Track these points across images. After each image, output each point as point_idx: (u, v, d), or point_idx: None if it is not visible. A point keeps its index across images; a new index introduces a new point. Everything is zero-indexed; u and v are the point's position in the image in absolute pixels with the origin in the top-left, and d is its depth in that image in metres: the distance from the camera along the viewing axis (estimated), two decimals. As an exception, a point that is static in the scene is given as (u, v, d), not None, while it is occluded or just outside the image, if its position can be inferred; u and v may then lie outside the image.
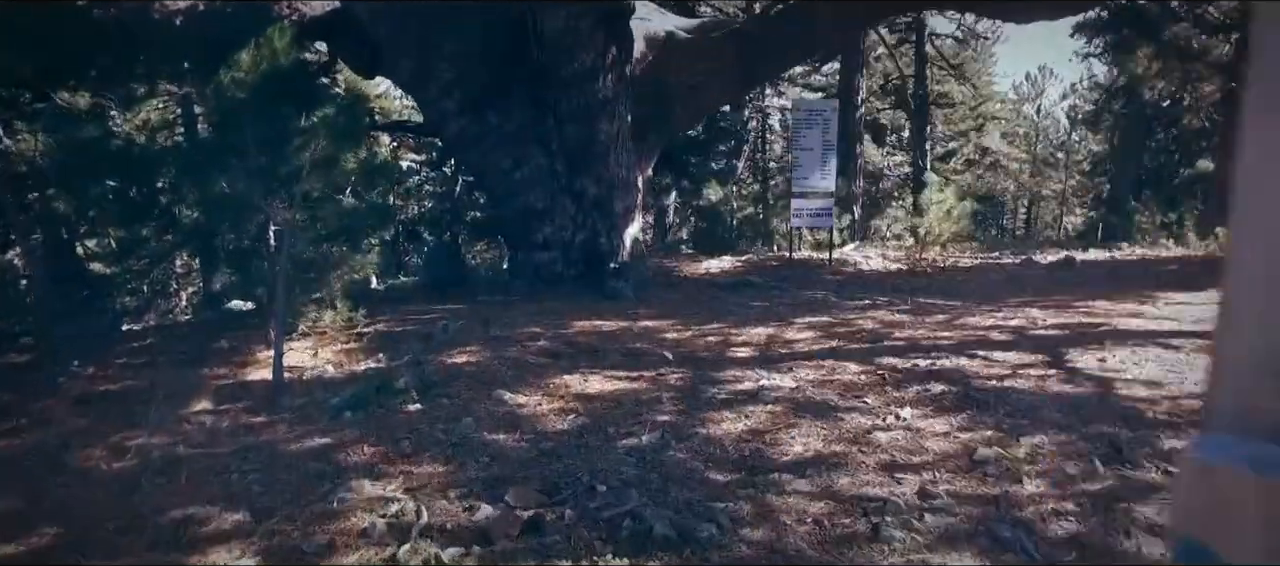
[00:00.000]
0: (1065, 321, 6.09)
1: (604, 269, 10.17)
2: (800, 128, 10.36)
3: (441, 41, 9.60)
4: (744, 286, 8.67)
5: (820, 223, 10.72)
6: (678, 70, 11.03)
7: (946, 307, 7.04)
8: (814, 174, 10.41)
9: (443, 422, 4.01)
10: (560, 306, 8.15)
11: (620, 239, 10.46)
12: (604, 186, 10.11)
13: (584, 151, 9.87)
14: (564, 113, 9.72)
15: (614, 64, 9.72)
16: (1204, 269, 9.64)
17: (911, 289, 8.67)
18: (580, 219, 10.19)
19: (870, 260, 11.46)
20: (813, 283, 9.15)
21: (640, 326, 6.64)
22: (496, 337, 6.32)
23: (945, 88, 23.04)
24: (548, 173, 10.07)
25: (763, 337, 5.87)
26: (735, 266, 10.77)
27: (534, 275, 10.22)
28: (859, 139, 15.83)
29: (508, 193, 10.24)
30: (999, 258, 12.34)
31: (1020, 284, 8.98)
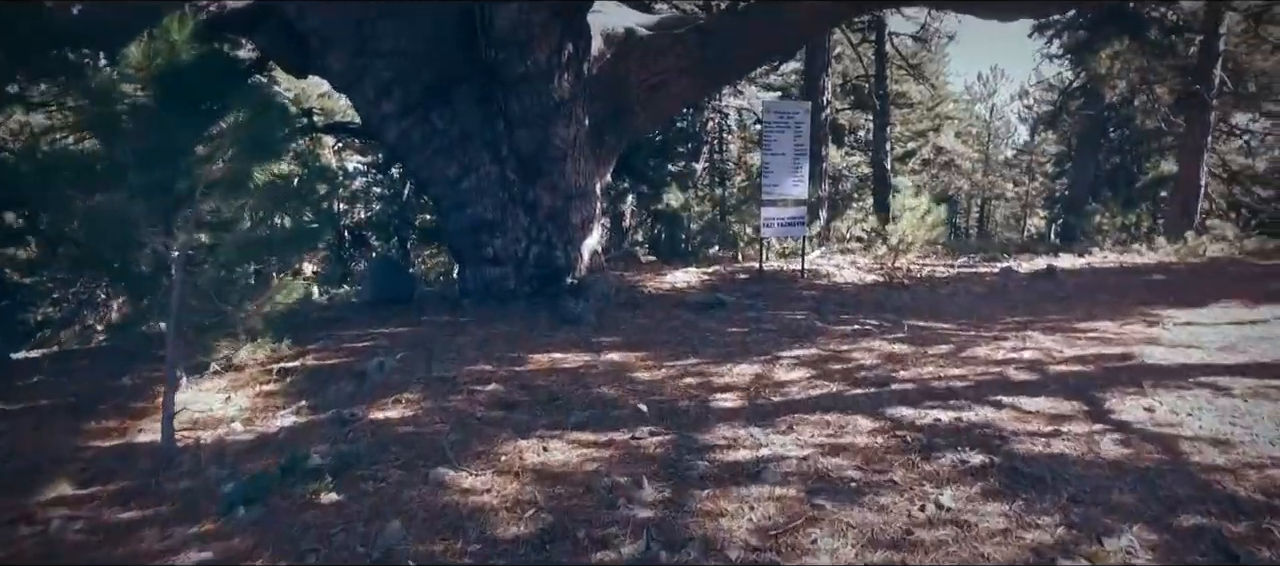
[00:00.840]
0: (1083, 353, 5.39)
1: (560, 285, 9.30)
2: (771, 132, 9.58)
3: (378, 37, 8.60)
4: (715, 306, 7.84)
5: (792, 232, 9.96)
6: (638, 69, 10.19)
7: (943, 333, 6.30)
8: (785, 181, 9.64)
9: (364, 523, 3.09)
10: (513, 331, 7.26)
11: (578, 252, 9.58)
12: (560, 196, 9.23)
13: (538, 158, 8.96)
14: (515, 115, 8.80)
15: (571, 62, 8.83)
16: (1192, 280, 9.12)
17: (896, 307, 7.95)
18: (534, 231, 9.29)
19: (843, 270, 10.75)
20: (789, 300, 8.38)
21: (605, 361, 5.77)
22: (440, 380, 5.41)
23: (904, 87, 22.58)
24: (498, 181, 9.16)
25: (749, 378, 5.05)
26: (702, 280, 9.96)
27: (484, 292, 9.31)
28: (826, 141, 15.15)
29: (455, 203, 9.29)
30: (973, 265, 11.75)
31: (1008, 299, 8.33)
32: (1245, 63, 17.11)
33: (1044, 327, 6.51)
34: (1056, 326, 6.58)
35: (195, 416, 5.08)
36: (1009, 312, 7.50)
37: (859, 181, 24.88)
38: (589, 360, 5.86)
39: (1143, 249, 12.72)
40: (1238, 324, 6.53)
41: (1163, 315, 6.98)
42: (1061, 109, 20.80)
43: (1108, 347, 5.59)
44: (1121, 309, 7.39)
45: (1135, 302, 7.74)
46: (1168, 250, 12.65)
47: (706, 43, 9.94)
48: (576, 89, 8.98)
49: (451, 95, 9.10)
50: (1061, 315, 7.24)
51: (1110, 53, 16.07)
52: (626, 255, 14.25)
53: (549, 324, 7.57)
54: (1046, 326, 6.58)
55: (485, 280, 9.31)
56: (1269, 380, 4.58)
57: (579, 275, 9.61)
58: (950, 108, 28.03)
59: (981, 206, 32.78)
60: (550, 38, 8.52)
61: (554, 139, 8.91)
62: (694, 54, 10.03)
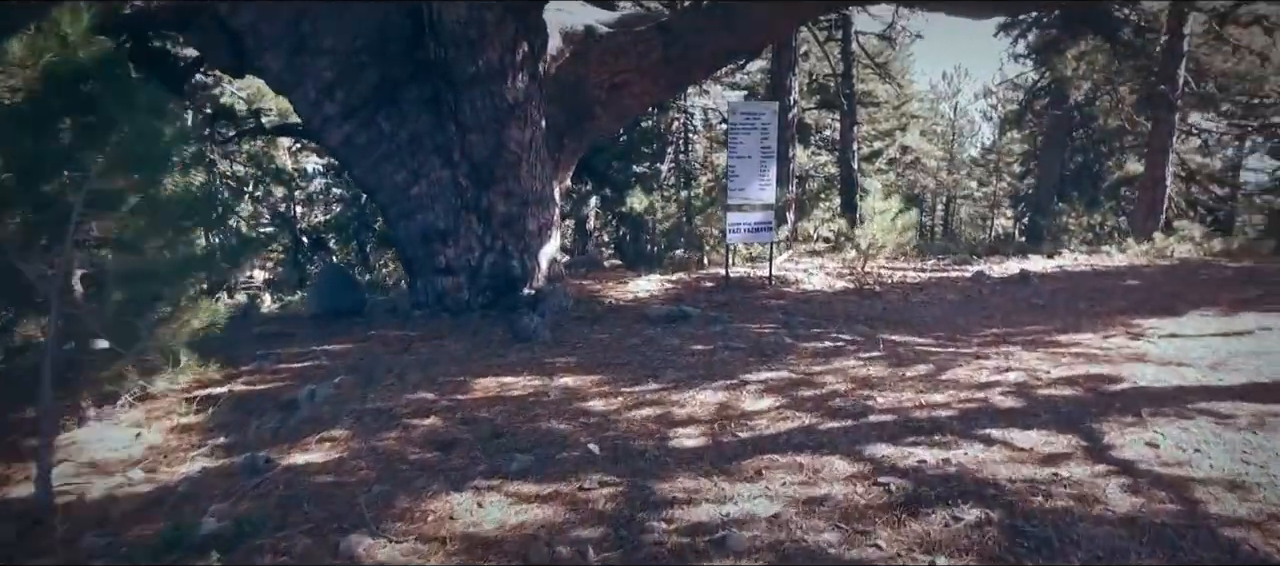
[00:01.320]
0: (1071, 374, 4.99)
1: (516, 295, 8.77)
2: (737, 133, 9.12)
3: (319, 35, 8.00)
4: (679, 319, 7.37)
5: (759, 237, 9.52)
6: (598, 69, 9.70)
7: (920, 350, 5.88)
8: (752, 184, 9.19)
9: (248, 617, 2.56)
10: (462, 349, 6.73)
11: (535, 261, 9.05)
12: (515, 202, 8.69)
13: (491, 162, 8.42)
14: (467, 118, 8.25)
15: (526, 61, 8.30)
16: (1167, 284, 8.82)
17: (868, 317, 7.54)
18: (488, 240, 8.75)
19: (812, 276, 10.33)
20: (756, 310, 7.93)
21: (558, 387, 5.26)
22: (375, 411, 4.86)
23: (870, 87, 22.31)
24: (450, 187, 8.60)
25: (713, 408, 4.57)
26: (666, 289, 9.48)
27: (437, 303, 8.76)
28: (794, 141, 14.75)
29: (404, 210, 8.72)
30: (944, 268, 11.41)
31: (983, 307, 7.96)
32: (1206, 64, 17.04)
33: (1025, 341, 6.12)
34: (1038, 340, 6.19)
35: (95, 457, 4.49)
36: (986, 323, 7.12)
37: (826, 181, 24.59)
38: (540, 385, 5.35)
39: (1112, 250, 12.49)
40: (1223, 336, 6.19)
41: (1145, 326, 6.64)
42: (1026, 108, 20.64)
43: (1095, 366, 5.19)
44: (1101, 319, 7.04)
45: (1114, 311, 7.40)
46: (1137, 252, 12.43)
47: (669, 41, 9.47)
48: (532, 90, 8.45)
49: (399, 97, 8.53)
50: (1041, 326, 6.87)
51: (1076, 53, 15.89)
52: (590, 261, 13.74)
53: (501, 340, 7.04)
54: (1027, 340, 6.19)
55: (438, 291, 8.76)
56: (1272, 405, 4.20)
57: (537, 284, 9.09)
58: (916, 107, 27.87)
59: (947, 205, 32.74)
60: (503, 36, 7.98)
61: (508, 142, 8.37)
62: (656, 53, 9.55)
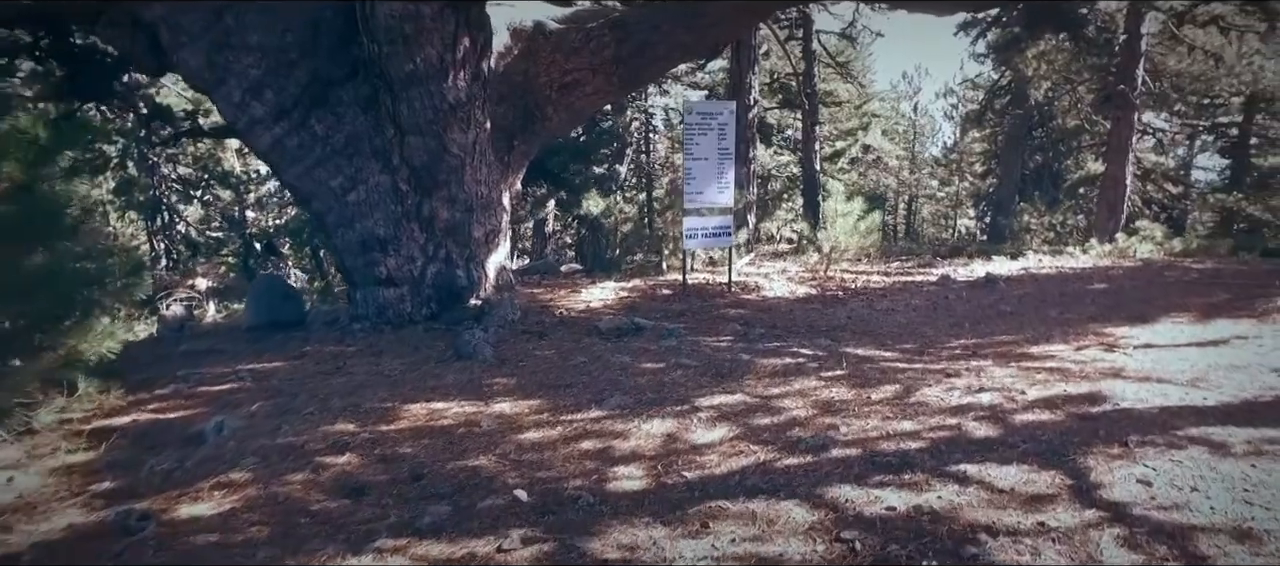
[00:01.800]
0: (1047, 393, 4.59)
1: (462, 308, 8.24)
2: (693, 134, 8.67)
3: (244, 30, 7.38)
4: (631, 333, 6.89)
5: (718, 242, 9.07)
6: (548, 67, 9.18)
7: (886, 366, 5.46)
8: (710, 187, 8.74)
9: None
10: (399, 368, 6.20)
11: (482, 271, 8.52)
12: (459, 208, 8.15)
13: (432, 167, 7.87)
14: (405, 120, 7.69)
15: (468, 59, 7.75)
16: (1135, 289, 8.53)
17: (831, 327, 7.13)
18: (431, 248, 8.21)
19: (773, 281, 9.91)
20: (714, 321, 7.48)
21: (493, 414, 4.75)
22: (285, 447, 4.31)
23: (832, 86, 22.04)
24: (390, 193, 8.04)
25: (659, 441, 4.09)
26: (620, 297, 8.99)
27: (378, 316, 8.20)
28: (753, 142, 14.34)
29: (342, 218, 8.13)
30: (908, 271, 11.07)
31: (950, 315, 7.59)
32: (1160, 64, 16.98)
33: (996, 355, 5.73)
34: (1009, 352, 5.81)
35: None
36: (954, 333, 6.74)
37: (789, 181, 24.30)
38: (474, 412, 4.83)
39: (1076, 252, 12.26)
40: (1198, 346, 5.86)
41: (1117, 335, 6.30)
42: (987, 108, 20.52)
43: (1071, 383, 4.80)
44: (1073, 328, 6.70)
45: (1085, 319, 7.07)
46: (1100, 253, 12.22)
47: (622, 38, 8.98)
48: (475, 89, 7.91)
49: (334, 97, 7.94)
50: (1011, 336, 6.51)
51: (1036, 52, 15.71)
52: (546, 267, 13.22)
53: (441, 357, 6.50)
54: (998, 352, 5.81)
55: (379, 303, 8.19)
56: (1265, 430, 3.83)
57: (484, 295, 8.56)
58: (877, 106, 27.71)
59: (909, 204, 32.70)
60: (442, 31, 7.44)
61: (450, 146, 7.83)
62: (608, 50, 9.06)
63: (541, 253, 18.43)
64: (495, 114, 9.09)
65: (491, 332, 7.06)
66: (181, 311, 11.96)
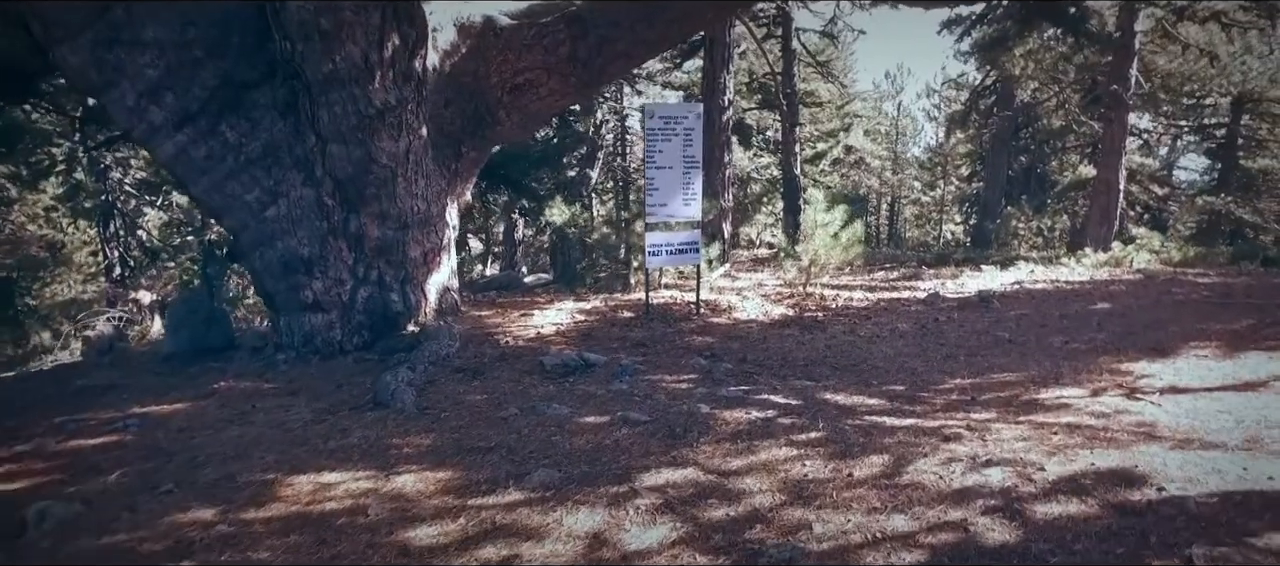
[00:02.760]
0: (1070, 469, 3.65)
1: (397, 337, 7.25)
2: (655, 140, 7.70)
3: (137, 23, 6.34)
4: (578, 371, 5.92)
5: (685, 259, 8.10)
6: (500, 66, 8.21)
7: (871, 423, 4.51)
8: (674, 199, 7.77)
9: None
10: (306, 416, 5.25)
11: (421, 293, 7.54)
12: (392, 225, 7.16)
13: (358, 179, 6.87)
14: (326, 127, 6.69)
15: (398, 58, 6.75)
16: (1144, 311, 7.63)
17: (808, 361, 6.18)
18: (361, 270, 7.21)
19: (747, 300, 8.96)
20: (676, 354, 6.52)
21: (388, 494, 3.77)
22: (104, 553, 3.33)
23: (812, 86, 21.11)
24: (314, 207, 7.03)
25: (578, 550, 3.12)
26: (576, 321, 8.01)
27: (305, 346, 7.21)
28: (728, 145, 13.38)
29: (260, 236, 7.12)
30: (893, 285, 10.16)
31: (942, 344, 6.66)
32: (1150, 64, 16.14)
33: (1000, 403, 4.80)
34: (1014, 398, 4.87)
35: None
36: (948, 368, 5.81)
37: (769, 184, 23.37)
38: (368, 488, 3.85)
39: (1072, 263, 11.38)
40: (1235, 389, 4.95)
41: (1136, 374, 5.38)
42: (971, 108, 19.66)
43: (1098, 451, 3.87)
44: (1082, 362, 5.77)
45: (1095, 350, 6.15)
46: (1095, 262, 11.35)
47: (579, 35, 8.01)
48: (408, 92, 6.90)
49: (248, 100, 6.91)
50: (1014, 373, 5.58)
51: (1024, 51, 14.83)
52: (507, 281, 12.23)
53: (357, 401, 5.53)
54: (1002, 399, 4.87)
55: (305, 331, 7.20)
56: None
57: (423, 320, 7.57)
58: (859, 106, 26.81)
59: (892, 205, 31.85)
60: (366, 27, 6.43)
61: (377, 155, 6.83)
62: (564, 48, 8.09)
63: (511, 261, 17.43)
64: (441, 119, 8.11)
65: (420, 371, 6.06)
66: (109, 332, 10.86)
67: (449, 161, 8.36)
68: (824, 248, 9.19)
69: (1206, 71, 15.06)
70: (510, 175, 11.70)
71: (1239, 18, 12.10)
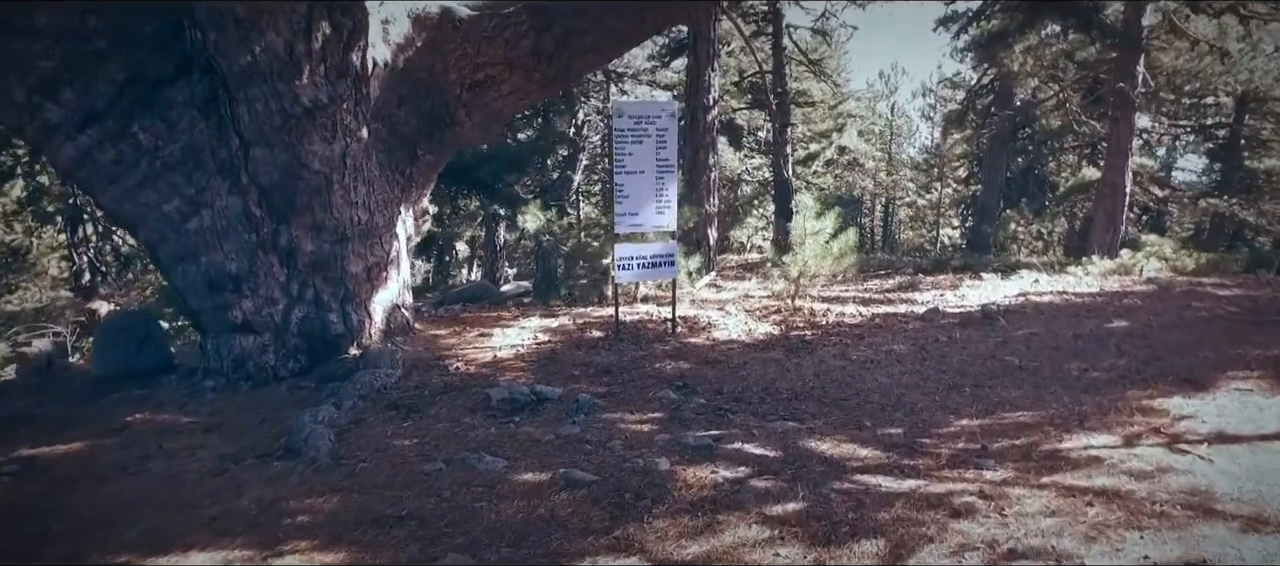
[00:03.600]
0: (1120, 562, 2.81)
1: (337, 361, 6.42)
2: (625, 142, 6.87)
3: (23, 10, 5.50)
4: (529, 408, 5.08)
5: (658, 273, 7.26)
6: (458, 61, 7.40)
7: (861, 485, 3.68)
8: (646, 207, 6.94)
9: None
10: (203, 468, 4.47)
11: (364, 312, 6.70)
12: (328, 238, 6.32)
13: (286, 186, 6.04)
14: (247, 127, 5.85)
15: (330, 50, 5.90)
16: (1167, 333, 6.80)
17: (792, 394, 5.35)
18: (295, 287, 6.38)
19: (730, 315, 8.12)
20: (642, 385, 5.68)
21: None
22: None
23: (805, 86, 20.26)
24: (241, 218, 6.19)
25: None
26: (538, 342, 7.17)
27: (235, 371, 6.40)
28: (712, 147, 12.52)
29: (182, 250, 6.30)
30: (888, 297, 9.34)
31: (945, 371, 5.83)
32: (1155, 61, 15.31)
33: (1017, 457, 3.96)
34: (1032, 449, 4.04)
35: None
36: (953, 404, 4.97)
37: (761, 186, 22.52)
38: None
39: (1078, 272, 10.54)
40: (1292, 435, 4.13)
41: (1173, 415, 4.55)
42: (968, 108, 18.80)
43: (1146, 528, 3.05)
44: (1108, 396, 4.94)
45: (1119, 381, 5.32)
46: (1103, 271, 10.52)
47: (543, 27, 7.17)
48: (344, 88, 6.06)
49: (164, 98, 6.06)
50: (1029, 411, 4.74)
51: (1024, 47, 13.99)
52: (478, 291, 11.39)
53: (267, 447, 4.70)
54: (1019, 452, 4.04)
55: (236, 354, 6.37)
56: None
57: (368, 342, 6.74)
58: (853, 106, 25.97)
59: (887, 206, 31.00)
60: (290, 14, 5.57)
61: (308, 160, 5.98)
62: (527, 41, 7.25)
63: (493, 267, 16.58)
64: (394, 119, 7.29)
65: (347, 408, 5.22)
66: (48, 348, 9.98)
67: (403, 165, 7.53)
68: (814, 258, 8.35)
69: (1213, 69, 14.24)
70: (481, 178, 10.85)
71: (1258, 9, 11.27)
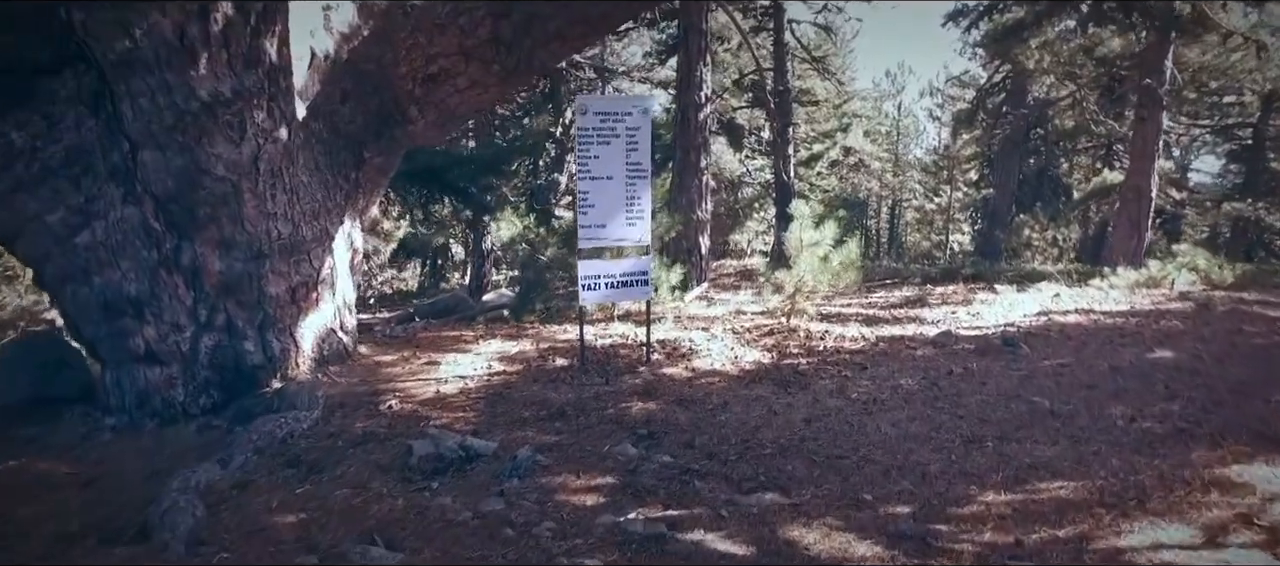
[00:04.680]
0: None
1: (256, 396, 5.47)
2: (589, 142, 5.87)
3: None
4: (453, 467, 4.10)
5: (630, 294, 6.24)
6: (409, 52, 6.46)
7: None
8: (615, 218, 5.94)
9: None
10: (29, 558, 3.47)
11: (290, 340, 5.73)
12: (240, 255, 5.36)
13: (185, 195, 5.07)
14: (134, 127, 4.88)
15: (233, 35, 4.93)
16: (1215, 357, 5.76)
17: (776, 447, 4.34)
18: (204, 312, 5.42)
19: (715, 337, 7.13)
20: (600, 433, 4.68)
21: None
22: None
23: (808, 83, 19.19)
24: (140, 232, 5.22)
25: None
26: (491, 373, 6.18)
27: (140, 407, 5.42)
28: (705, 148, 11.50)
29: (70, 270, 5.35)
30: (895, 314, 8.31)
31: (962, 415, 4.81)
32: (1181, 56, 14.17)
33: (1063, 553, 2.96)
34: (1085, 547, 3.03)
35: None
36: (974, 469, 3.95)
37: (762, 188, 21.46)
38: None
39: (1103, 285, 9.47)
40: None
41: (1263, 493, 3.52)
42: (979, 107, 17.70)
43: None
44: (1169, 462, 3.91)
45: (1179, 438, 4.29)
46: (1131, 283, 9.45)
47: (501, 12, 6.19)
48: (253, 81, 5.08)
49: (44, 91, 5.08)
50: (1072, 483, 3.73)
51: (1041, 42, 12.92)
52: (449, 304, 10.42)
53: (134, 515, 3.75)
54: (1065, 546, 3.03)
55: (140, 388, 5.41)
56: None
57: (295, 372, 5.78)
58: (858, 105, 24.85)
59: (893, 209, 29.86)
60: (175, -8, 4.61)
61: (209, 164, 5.01)
62: (484, 29, 6.29)
63: (479, 274, 15.62)
64: (336, 116, 6.34)
65: (236, 466, 4.25)
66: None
67: (346, 170, 6.58)
68: (811, 273, 7.35)
69: (1243, 64, 13.12)
70: (452, 181, 9.87)
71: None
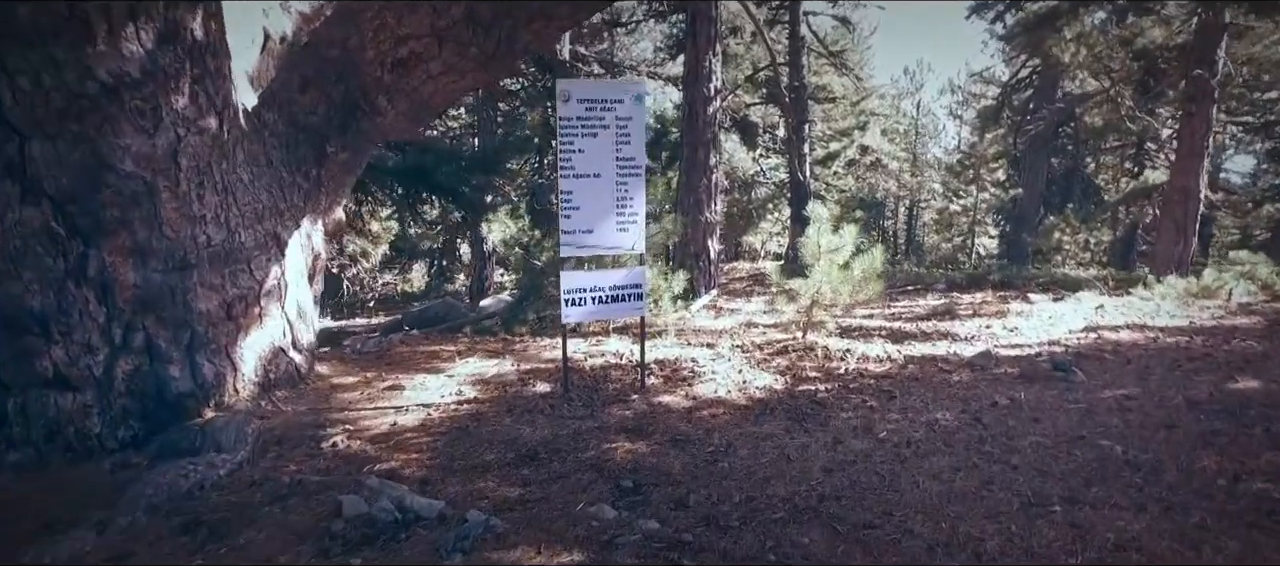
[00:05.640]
0: None
1: (182, 428, 4.65)
2: (572, 134, 4.99)
3: None
4: (386, 534, 3.24)
5: (620, 310, 5.34)
6: (377, 34, 5.64)
7: None
8: (603, 222, 5.06)
9: None
10: None
11: (225, 362, 4.88)
12: (159, 265, 4.50)
13: (86, 195, 4.21)
14: (15, 114, 4.04)
15: (142, 6, 4.10)
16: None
17: (789, 511, 3.44)
18: (119, 332, 4.57)
19: (722, 355, 6.23)
20: (575, 485, 3.80)
21: None
22: None
23: (824, 79, 18.20)
24: (43, 238, 4.39)
25: None
26: (460, 400, 5.32)
27: (49, 440, 4.59)
28: (714, 144, 10.58)
29: (-37, 279, 4.51)
30: (923, 328, 7.37)
31: (1014, 468, 3.88)
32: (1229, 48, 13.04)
33: None
34: None
35: None
36: (1040, 542, 3.03)
37: (777, 187, 20.49)
38: None
39: (1147, 294, 8.47)
40: None
41: None
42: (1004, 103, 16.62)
43: None
44: None
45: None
46: (1182, 293, 8.45)
47: (476, -10, 5.36)
48: (172, 59, 4.24)
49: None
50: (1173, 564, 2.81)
51: (1075, 33, 11.89)
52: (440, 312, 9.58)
53: None
54: None
55: (50, 418, 4.58)
56: None
57: (233, 398, 4.94)
58: (876, 103, 23.79)
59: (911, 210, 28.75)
60: (69, -53, 3.78)
61: (115, 158, 4.17)
62: (459, 7, 5.46)
63: (481, 276, 14.79)
64: (295, 107, 5.53)
65: (117, 530, 3.41)
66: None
67: (306, 166, 5.76)
68: (829, 283, 6.43)
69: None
70: (441, 180, 9.02)
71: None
